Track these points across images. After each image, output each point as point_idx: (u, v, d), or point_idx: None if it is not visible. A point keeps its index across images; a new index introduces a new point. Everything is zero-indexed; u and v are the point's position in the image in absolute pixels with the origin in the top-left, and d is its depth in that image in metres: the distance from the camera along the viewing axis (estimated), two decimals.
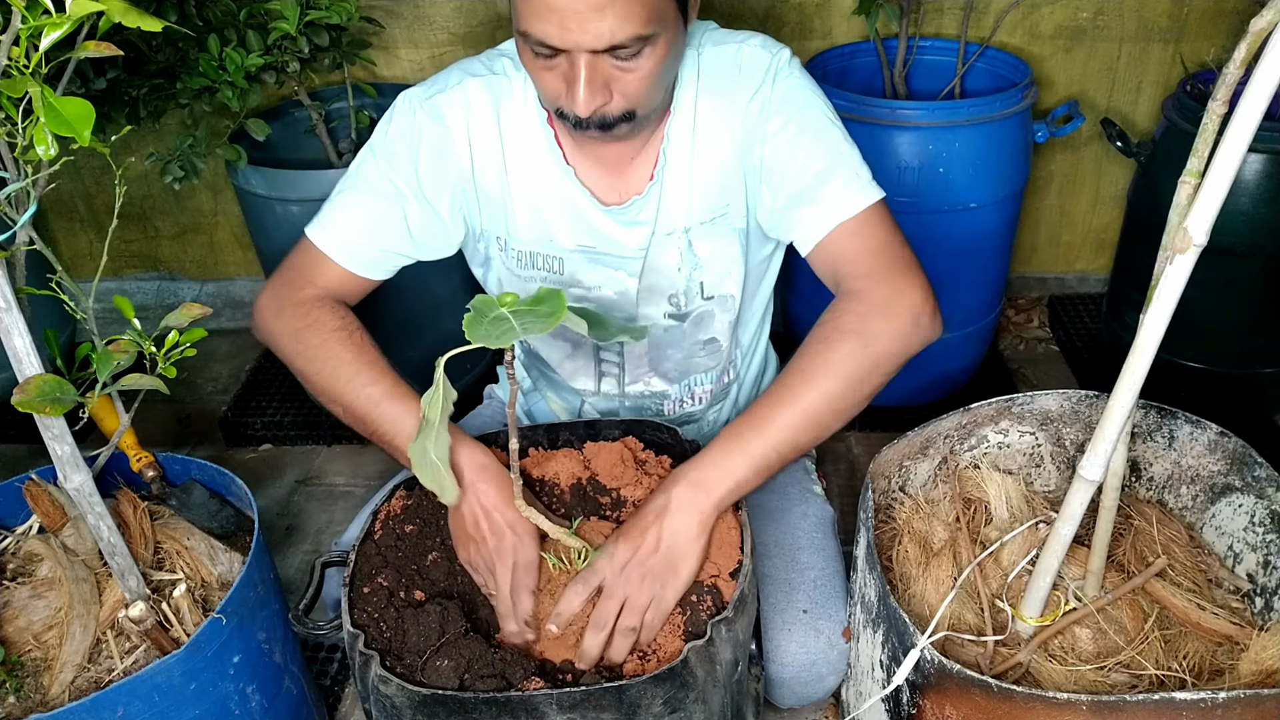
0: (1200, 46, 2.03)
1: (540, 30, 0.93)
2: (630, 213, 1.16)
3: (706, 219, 1.17)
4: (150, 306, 2.49)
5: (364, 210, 1.14)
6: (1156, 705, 0.83)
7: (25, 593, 1.11)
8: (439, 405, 0.82)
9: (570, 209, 1.17)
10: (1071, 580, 1.06)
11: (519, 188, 1.16)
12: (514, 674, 0.89)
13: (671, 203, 1.16)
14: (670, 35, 0.98)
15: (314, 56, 1.70)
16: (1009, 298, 2.37)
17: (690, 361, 1.30)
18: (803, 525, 1.27)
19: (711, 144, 1.14)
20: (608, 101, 0.99)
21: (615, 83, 0.99)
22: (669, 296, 1.23)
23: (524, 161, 1.15)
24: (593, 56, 0.95)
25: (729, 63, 1.13)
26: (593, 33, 0.92)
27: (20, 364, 0.89)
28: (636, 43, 0.94)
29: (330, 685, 1.50)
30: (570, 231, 1.18)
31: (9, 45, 0.75)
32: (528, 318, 0.76)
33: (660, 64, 0.99)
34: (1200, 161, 0.77)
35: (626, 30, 0.93)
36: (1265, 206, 1.61)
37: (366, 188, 1.14)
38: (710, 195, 1.16)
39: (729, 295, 1.24)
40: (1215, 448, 1.13)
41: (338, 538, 1.37)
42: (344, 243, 1.14)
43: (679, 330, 1.26)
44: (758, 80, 1.11)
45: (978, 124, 1.67)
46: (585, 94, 0.97)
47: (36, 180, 0.85)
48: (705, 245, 1.19)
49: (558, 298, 0.77)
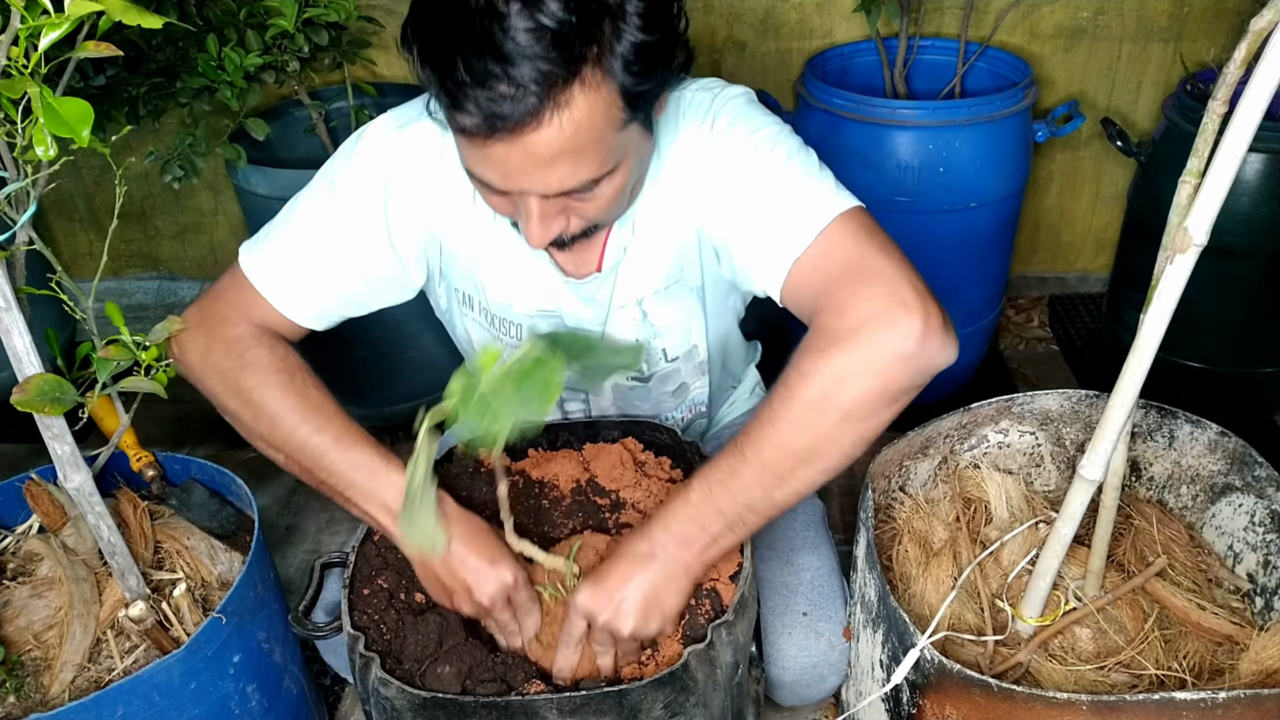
0: (1200, 46, 2.03)
1: (483, 174, 0.86)
2: (588, 288, 1.09)
3: (660, 288, 1.09)
4: (150, 306, 2.49)
5: (312, 249, 1.01)
6: (1156, 705, 0.83)
7: (25, 592, 1.11)
8: (421, 473, 0.79)
9: (534, 277, 1.08)
10: (1071, 580, 1.06)
11: (487, 238, 1.06)
12: (514, 678, 0.89)
13: (628, 279, 1.08)
14: (633, 156, 0.90)
15: (314, 56, 1.70)
16: (1009, 298, 2.37)
17: (659, 407, 1.27)
18: (795, 525, 1.26)
19: (664, 215, 1.04)
20: (564, 228, 0.91)
21: (572, 210, 0.90)
22: None
23: (490, 220, 1.04)
24: (544, 202, 0.87)
25: (670, 125, 1.00)
26: (541, 183, 0.84)
27: (20, 364, 0.89)
28: (591, 184, 0.86)
29: (330, 685, 1.50)
30: (532, 299, 1.10)
31: (8, 45, 0.75)
32: (515, 403, 0.69)
33: (622, 187, 0.90)
34: (1200, 161, 0.77)
35: (579, 177, 0.84)
36: (1265, 206, 1.61)
37: (319, 223, 1.01)
38: (667, 265, 1.08)
39: (693, 348, 1.18)
40: (1215, 447, 1.13)
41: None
42: (284, 284, 1.01)
43: (644, 389, 1.23)
44: (702, 138, 0.98)
45: (978, 123, 1.67)
46: (538, 230, 0.88)
47: (36, 180, 0.85)
48: (661, 313, 1.12)
49: (551, 369, 0.71)
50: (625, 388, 1.21)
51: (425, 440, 0.80)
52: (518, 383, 0.72)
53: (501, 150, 0.81)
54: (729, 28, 2.06)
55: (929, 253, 1.78)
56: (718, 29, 2.06)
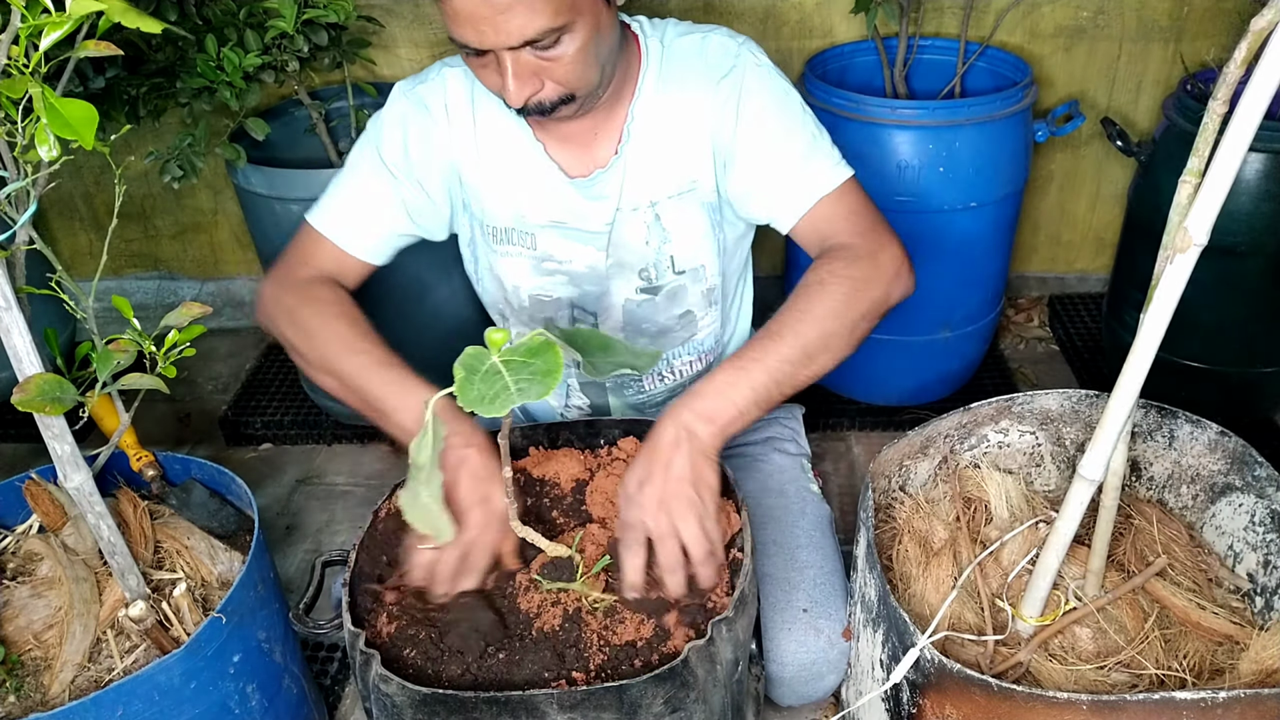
0: (1201, 46, 2.03)
1: (461, 35, 1.00)
2: (595, 186, 1.21)
3: (674, 193, 1.21)
4: (150, 306, 2.49)
5: (361, 192, 1.21)
6: (1156, 705, 0.83)
7: (25, 592, 1.11)
8: (429, 448, 0.80)
9: (540, 184, 1.21)
10: (1071, 580, 1.06)
11: (493, 165, 1.22)
12: (515, 674, 0.89)
13: (635, 177, 1.20)
14: (591, 20, 1.02)
15: (313, 55, 1.70)
16: (1009, 297, 2.37)
17: (665, 336, 1.32)
18: (801, 524, 1.27)
19: (678, 122, 1.18)
20: (539, 90, 1.04)
21: (543, 72, 1.03)
22: (639, 271, 1.26)
23: (497, 140, 1.21)
24: (514, 52, 1.00)
25: (694, 50, 1.18)
26: (504, 31, 0.97)
27: (20, 363, 0.89)
28: (550, 34, 0.99)
29: (330, 685, 1.50)
30: (541, 206, 1.23)
31: (9, 45, 0.75)
32: (522, 375, 0.72)
33: (584, 48, 1.02)
34: (1201, 161, 0.77)
35: (536, 25, 0.97)
36: (1265, 206, 1.61)
37: (362, 172, 1.21)
38: (677, 170, 1.20)
39: (700, 267, 1.27)
40: (1215, 447, 1.13)
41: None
42: (342, 224, 1.20)
43: (651, 304, 1.29)
44: (727, 65, 1.17)
45: (978, 123, 1.67)
46: (514, 86, 1.02)
47: (36, 180, 0.85)
48: (674, 219, 1.23)
49: (552, 353, 0.74)
50: (635, 304, 1.28)
51: (432, 421, 0.80)
52: (521, 364, 0.74)
53: (465, 2, 0.96)
54: (729, 27, 2.06)
55: (929, 252, 1.78)
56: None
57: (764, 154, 1.16)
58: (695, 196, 1.22)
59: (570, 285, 1.27)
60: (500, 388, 0.71)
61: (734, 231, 1.28)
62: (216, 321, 2.49)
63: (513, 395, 0.71)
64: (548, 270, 1.27)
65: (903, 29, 1.86)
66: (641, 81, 1.18)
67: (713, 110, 1.17)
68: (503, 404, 0.70)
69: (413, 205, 1.22)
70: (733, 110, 1.16)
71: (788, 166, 1.16)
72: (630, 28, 1.19)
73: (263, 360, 2.31)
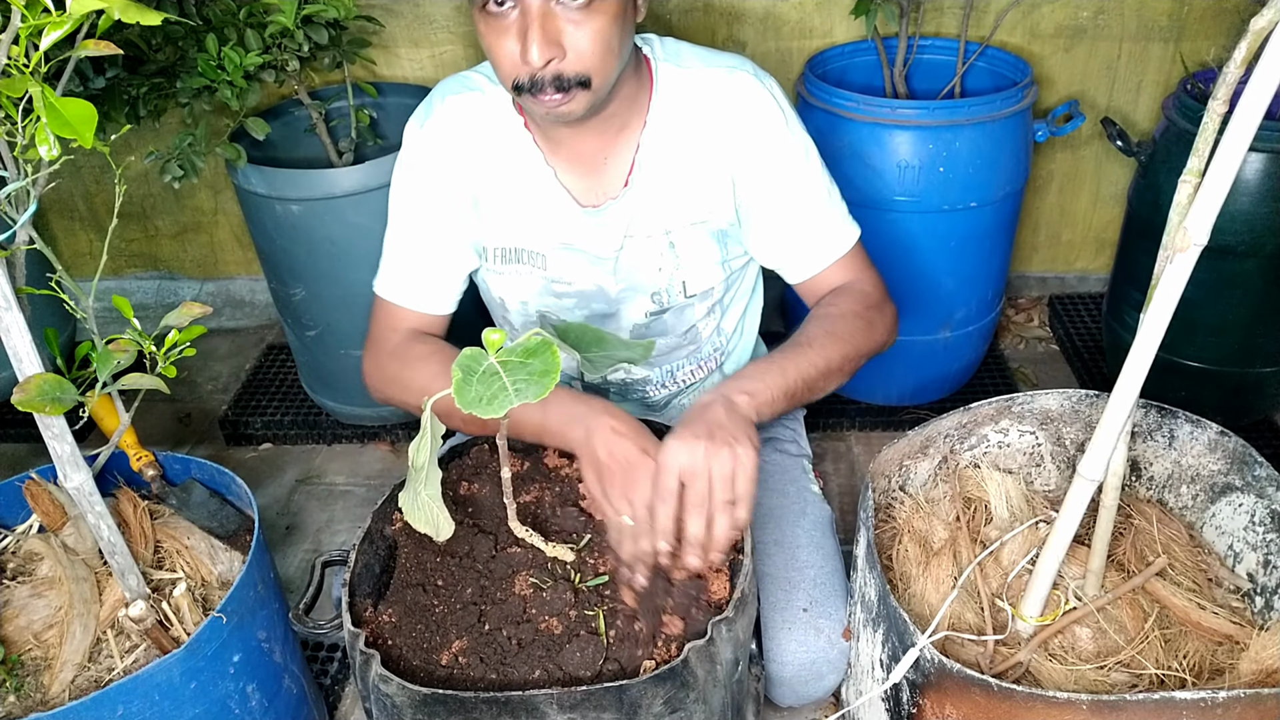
0: (1200, 46, 2.03)
1: None
2: (605, 215, 1.20)
3: (689, 223, 1.22)
4: (150, 306, 2.49)
5: (414, 252, 1.24)
6: (1156, 705, 0.84)
7: (25, 592, 1.11)
8: (426, 449, 0.80)
9: (551, 209, 1.21)
10: (1071, 579, 1.06)
11: (504, 190, 1.21)
12: (515, 674, 0.89)
13: (647, 207, 1.20)
14: (616, 4, 1.01)
15: (314, 55, 1.70)
16: (1009, 297, 2.37)
17: (671, 352, 1.33)
18: (802, 524, 1.27)
19: (695, 157, 1.18)
20: (561, 56, 1.01)
21: (566, 37, 1.00)
22: (651, 295, 1.26)
23: (506, 164, 1.20)
24: (544, 3, 0.98)
25: (719, 87, 1.17)
26: None
27: (20, 363, 0.89)
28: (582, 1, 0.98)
29: (330, 685, 1.50)
30: (552, 230, 1.22)
31: (9, 44, 0.75)
32: (520, 375, 0.72)
33: (612, 24, 1.01)
34: (1200, 161, 0.77)
35: None
36: (1265, 206, 1.61)
37: (407, 230, 1.24)
38: (693, 202, 1.21)
39: (710, 289, 1.28)
40: (1215, 447, 1.13)
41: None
42: (409, 290, 1.24)
43: (660, 322, 1.29)
44: (755, 114, 1.17)
45: (978, 123, 1.67)
46: (539, 39, 0.98)
47: (36, 179, 0.85)
48: (688, 246, 1.23)
49: (550, 353, 0.74)
50: (643, 325, 1.30)
51: (431, 421, 0.80)
52: (518, 365, 0.73)
53: None
54: (729, 28, 2.06)
55: (929, 252, 1.78)
56: (718, 29, 2.06)
57: (783, 214, 1.21)
58: (707, 227, 1.23)
59: (580, 307, 1.27)
60: (498, 388, 0.71)
61: (738, 250, 1.29)
62: (216, 321, 2.48)
63: (510, 396, 0.71)
64: (557, 292, 1.26)
65: (902, 29, 1.86)
66: (651, 111, 1.17)
67: (737, 156, 1.18)
68: (500, 405, 0.70)
69: (461, 246, 1.24)
70: (757, 164, 1.18)
71: (803, 228, 1.21)
72: (642, 51, 1.17)
73: (263, 360, 2.31)
